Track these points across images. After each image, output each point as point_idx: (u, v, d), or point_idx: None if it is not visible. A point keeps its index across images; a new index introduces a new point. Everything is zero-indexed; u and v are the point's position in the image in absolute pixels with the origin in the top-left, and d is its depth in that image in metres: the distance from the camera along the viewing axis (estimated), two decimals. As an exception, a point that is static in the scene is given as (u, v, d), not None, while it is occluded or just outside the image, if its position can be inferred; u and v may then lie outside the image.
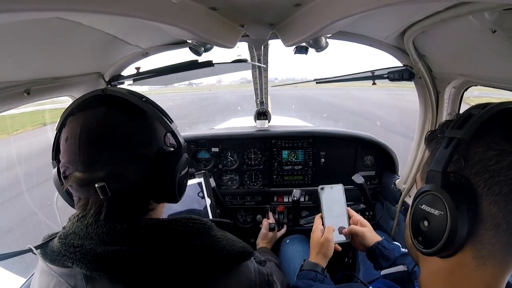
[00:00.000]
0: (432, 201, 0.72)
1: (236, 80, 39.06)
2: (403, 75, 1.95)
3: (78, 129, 0.85)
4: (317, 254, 1.60)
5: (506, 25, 1.03)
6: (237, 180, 2.86)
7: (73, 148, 0.85)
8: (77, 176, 0.85)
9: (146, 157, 0.91)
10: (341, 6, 1.09)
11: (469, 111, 0.75)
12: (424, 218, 0.73)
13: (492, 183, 0.66)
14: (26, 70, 1.32)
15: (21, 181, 6.84)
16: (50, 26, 1.16)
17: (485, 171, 0.67)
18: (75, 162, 0.85)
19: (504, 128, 0.70)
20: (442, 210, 0.69)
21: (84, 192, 0.88)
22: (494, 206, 0.66)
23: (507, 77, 1.30)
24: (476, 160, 0.69)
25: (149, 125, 0.94)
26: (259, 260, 1.10)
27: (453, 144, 0.70)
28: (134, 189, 0.90)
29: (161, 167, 0.93)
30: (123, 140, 0.88)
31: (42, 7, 0.74)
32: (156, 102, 1.00)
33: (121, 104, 0.91)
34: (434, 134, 0.86)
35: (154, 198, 0.97)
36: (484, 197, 0.67)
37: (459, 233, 0.67)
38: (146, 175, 0.91)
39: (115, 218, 0.88)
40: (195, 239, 0.93)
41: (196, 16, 1.25)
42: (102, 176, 0.84)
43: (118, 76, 2.02)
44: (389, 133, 10.66)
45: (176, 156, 0.97)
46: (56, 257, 0.87)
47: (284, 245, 2.33)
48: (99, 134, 0.86)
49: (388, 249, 1.52)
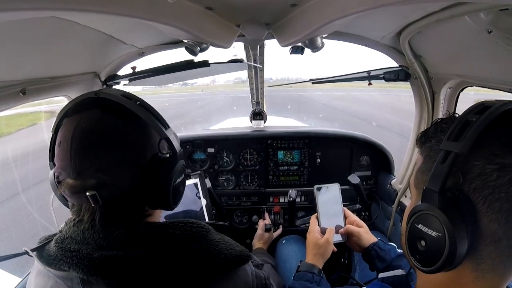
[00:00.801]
0: (428, 221, 0.68)
1: (231, 80, 38.50)
2: (399, 76, 1.95)
3: (70, 133, 0.84)
4: (315, 255, 1.59)
5: (502, 25, 1.03)
6: (233, 181, 2.86)
7: (65, 154, 0.84)
8: (69, 183, 0.84)
9: (139, 164, 0.89)
10: (337, 6, 1.09)
11: (465, 116, 0.69)
12: (421, 238, 0.69)
13: (492, 200, 0.62)
14: (21, 70, 1.31)
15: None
16: (46, 25, 1.15)
17: (485, 187, 0.63)
18: (67, 168, 0.84)
19: (505, 138, 0.65)
20: (440, 231, 0.65)
21: (76, 199, 0.87)
22: (494, 223, 0.63)
23: (503, 78, 1.31)
24: (475, 175, 0.65)
25: (143, 130, 0.92)
26: (257, 263, 1.09)
27: (451, 160, 0.66)
28: (127, 196, 0.88)
29: (155, 174, 0.90)
30: (115, 146, 0.86)
31: (38, 6, 0.74)
32: (151, 105, 0.96)
33: (114, 108, 0.88)
34: (427, 137, 0.81)
35: (149, 204, 0.95)
36: (484, 214, 0.64)
37: (458, 253, 0.63)
38: (138, 182, 0.89)
39: (111, 223, 0.87)
40: (193, 243, 0.92)
41: (192, 16, 1.25)
42: (93, 184, 0.83)
43: (114, 75, 2.00)
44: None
45: (170, 164, 0.94)
46: (52, 261, 0.86)
47: (280, 246, 2.33)
48: (90, 140, 0.84)
49: (384, 250, 1.52)
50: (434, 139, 0.78)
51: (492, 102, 0.70)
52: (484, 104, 0.70)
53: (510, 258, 0.66)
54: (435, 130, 0.79)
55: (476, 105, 0.71)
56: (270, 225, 2.34)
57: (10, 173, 6.51)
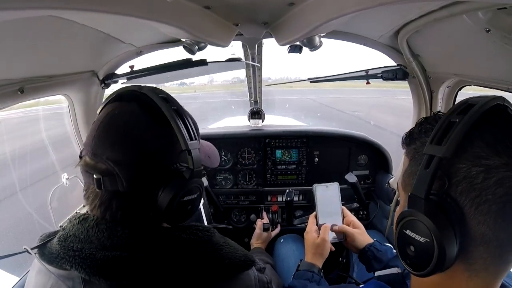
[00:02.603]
0: (415, 227, 0.67)
1: (229, 79, 37.61)
2: (397, 75, 1.96)
3: (102, 116, 0.88)
4: (314, 255, 1.59)
5: (500, 24, 1.03)
6: (231, 180, 2.86)
7: (91, 133, 0.87)
8: (86, 160, 0.87)
9: (152, 168, 0.87)
10: (335, 5, 1.09)
11: (447, 117, 0.68)
12: (409, 243, 0.69)
13: (479, 202, 0.62)
14: (19, 69, 1.31)
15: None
16: (43, 24, 1.14)
17: (471, 190, 0.63)
18: (87, 146, 0.87)
19: (489, 137, 0.64)
20: (428, 237, 0.65)
21: (86, 177, 0.88)
22: (483, 225, 0.62)
23: (501, 77, 1.31)
24: (461, 178, 0.64)
25: (168, 137, 0.89)
26: (259, 267, 1.09)
27: (434, 165, 0.65)
28: (131, 196, 0.87)
29: (164, 184, 0.86)
30: (133, 143, 0.86)
31: (36, 5, 0.73)
32: (188, 113, 0.94)
33: (151, 106, 0.88)
34: (412, 138, 0.80)
35: (153, 213, 0.90)
36: (472, 216, 0.63)
37: (448, 256, 0.63)
38: (145, 186, 0.87)
39: (116, 222, 0.86)
40: (198, 246, 0.91)
41: (190, 15, 1.25)
42: (102, 169, 0.84)
43: (112, 74, 2.00)
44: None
45: (184, 178, 0.89)
46: (54, 259, 0.85)
47: (278, 245, 2.33)
48: (114, 128, 0.86)
49: (381, 251, 1.51)
50: (419, 140, 0.77)
51: (476, 99, 0.69)
52: (468, 102, 0.69)
53: (501, 257, 0.66)
54: (419, 131, 0.78)
55: (459, 104, 0.70)
56: (268, 224, 2.35)
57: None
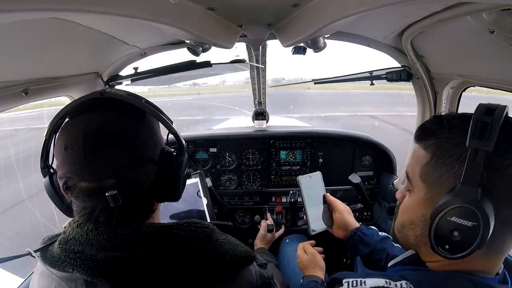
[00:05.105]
0: (463, 213, 0.74)
1: (242, 80, 36.77)
2: (401, 76, 1.96)
3: (79, 135, 0.81)
4: (313, 269, 1.60)
5: (504, 25, 1.03)
6: (235, 181, 2.86)
7: (76, 157, 0.81)
8: (83, 187, 0.83)
9: (153, 160, 0.92)
10: (339, 6, 1.09)
11: (477, 116, 0.75)
12: (454, 229, 0.75)
13: (510, 189, 0.74)
14: (24, 70, 1.32)
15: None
16: (48, 26, 1.15)
17: (503, 179, 0.74)
18: (79, 172, 0.82)
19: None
20: (476, 221, 0.72)
21: (91, 202, 0.85)
22: (510, 208, 0.75)
23: (505, 78, 1.31)
24: (496, 169, 0.74)
25: (151, 127, 0.94)
26: (260, 263, 1.09)
27: (481, 157, 0.72)
28: (144, 193, 0.91)
29: (167, 168, 0.95)
30: (130, 145, 0.86)
31: (40, 7, 0.74)
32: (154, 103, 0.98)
33: (123, 107, 0.89)
34: (430, 132, 0.86)
35: (157, 198, 0.97)
36: (504, 201, 0.74)
37: (487, 240, 0.72)
38: (154, 177, 0.92)
39: (117, 224, 0.87)
40: (198, 243, 0.92)
41: (194, 17, 1.25)
42: (112, 183, 0.83)
43: (116, 76, 2.01)
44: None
45: (179, 157, 0.98)
46: (56, 262, 0.86)
47: (284, 245, 2.33)
48: (105, 140, 0.83)
49: (367, 235, 1.52)
50: (442, 135, 0.83)
51: (494, 105, 0.76)
52: (488, 106, 0.76)
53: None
54: (440, 126, 0.84)
55: (481, 107, 0.77)
56: (272, 225, 2.35)
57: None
